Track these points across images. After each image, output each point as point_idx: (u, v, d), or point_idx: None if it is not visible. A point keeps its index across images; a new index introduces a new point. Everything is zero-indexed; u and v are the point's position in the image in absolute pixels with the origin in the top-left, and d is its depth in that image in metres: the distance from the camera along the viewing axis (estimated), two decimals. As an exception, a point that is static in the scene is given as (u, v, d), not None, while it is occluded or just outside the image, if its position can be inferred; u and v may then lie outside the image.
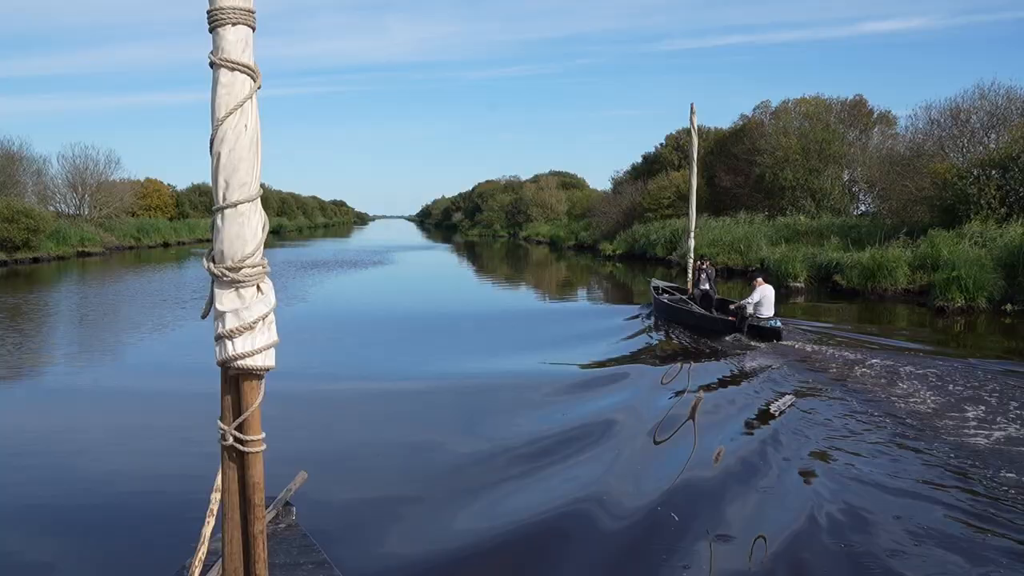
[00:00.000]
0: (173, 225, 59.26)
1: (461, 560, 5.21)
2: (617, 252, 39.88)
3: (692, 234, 18.16)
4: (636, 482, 6.73)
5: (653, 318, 16.95)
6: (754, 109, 41.28)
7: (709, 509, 6.07)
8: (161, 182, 66.76)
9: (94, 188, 50.65)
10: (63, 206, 50.19)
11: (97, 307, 19.74)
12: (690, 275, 17.50)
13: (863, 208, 37.97)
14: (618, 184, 56.54)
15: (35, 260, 34.64)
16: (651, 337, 15.06)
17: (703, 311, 15.63)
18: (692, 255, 17.83)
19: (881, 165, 29.51)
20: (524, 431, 8.36)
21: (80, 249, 40.77)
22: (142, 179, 63.12)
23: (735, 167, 38.52)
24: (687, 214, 39.36)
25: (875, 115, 37.74)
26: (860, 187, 36.32)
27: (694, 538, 5.50)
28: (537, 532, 5.64)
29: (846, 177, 37.71)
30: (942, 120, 27.07)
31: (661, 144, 49.85)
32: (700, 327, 15.00)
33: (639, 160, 54.14)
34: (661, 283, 18.76)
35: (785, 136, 36.71)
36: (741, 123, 41.92)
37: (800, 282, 22.34)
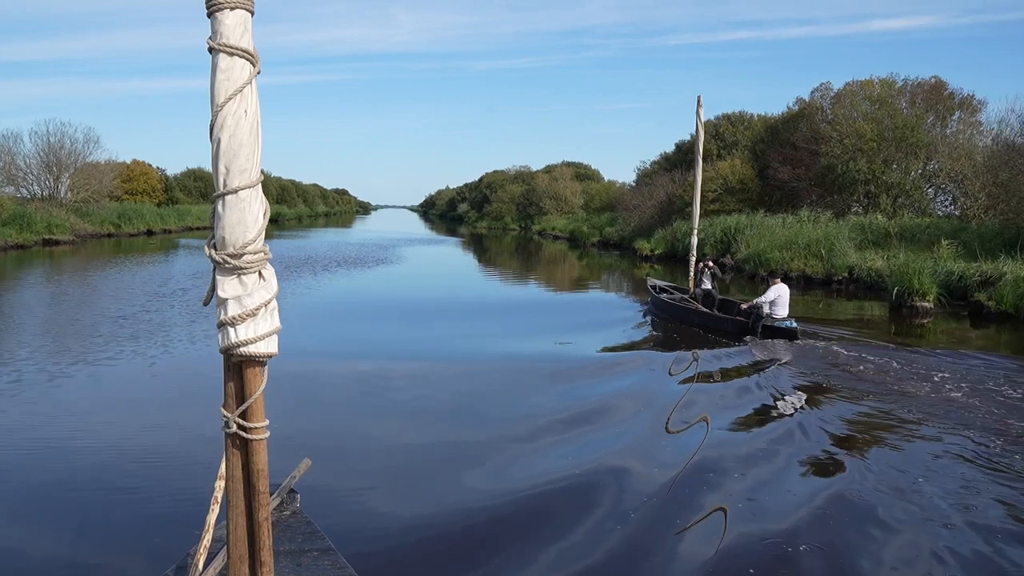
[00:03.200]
0: (159, 211, 53.99)
1: (465, 541, 5.15)
2: (656, 252, 35.02)
3: (695, 231, 17.53)
4: (644, 462, 6.72)
5: (651, 318, 16.34)
6: (812, 92, 36.36)
7: (717, 491, 6.06)
8: (149, 165, 61.48)
9: (71, 169, 45.82)
10: (36, 187, 45.47)
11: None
12: (692, 273, 17.00)
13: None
14: (643, 175, 51.87)
15: (-13, 249, 29.91)
16: (656, 331, 14.95)
17: (707, 311, 15.11)
18: (694, 253, 17.35)
19: (1004, 155, 24.49)
20: (532, 414, 8.32)
21: (46, 237, 36.07)
22: (128, 161, 58.16)
23: (793, 157, 33.64)
24: (738, 209, 34.72)
25: (956, 100, 32.80)
26: (941, 180, 31.35)
27: (700, 519, 5.52)
28: (544, 514, 5.54)
29: (916, 171, 32.83)
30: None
31: (697, 131, 44.94)
32: (706, 327, 14.38)
33: (671, 148, 49.29)
34: (659, 282, 18.28)
35: (853, 121, 31.83)
36: (797, 108, 37.01)
37: (928, 301, 17.38)
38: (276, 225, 72.96)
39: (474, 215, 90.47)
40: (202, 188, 70.66)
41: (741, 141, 40.88)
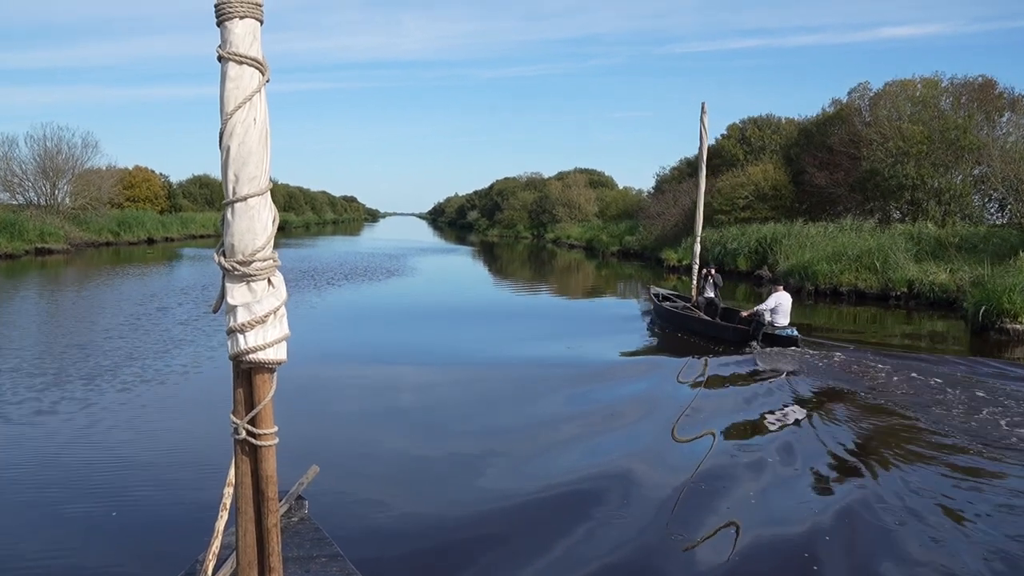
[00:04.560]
0: (161, 219, 52.06)
1: (472, 547, 5.09)
2: (683, 262, 32.87)
3: (698, 239, 17.40)
4: (653, 468, 6.71)
5: (654, 326, 16.45)
6: (849, 92, 34.22)
7: (727, 498, 6.00)
8: (152, 171, 59.67)
9: (69, 175, 44.01)
10: (32, 194, 43.68)
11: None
12: (694, 282, 17.09)
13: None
14: (663, 181, 49.83)
15: (-28, 260, 28.03)
16: (660, 339, 15.10)
17: (710, 319, 15.10)
18: (697, 261, 17.21)
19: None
20: (540, 420, 8.33)
21: (38, 246, 34.24)
22: (130, 167, 56.35)
23: (830, 161, 31.49)
24: (773, 217, 32.51)
25: (1007, 100, 30.57)
26: (992, 185, 29.07)
27: (712, 527, 5.42)
28: (553, 521, 5.47)
29: (967, 175, 30.59)
30: None
31: (722, 135, 42.85)
32: (708, 335, 14.44)
33: (693, 153, 47.17)
34: (662, 290, 18.40)
35: (893, 122, 29.64)
36: (832, 110, 34.88)
37: (1021, 323, 15.10)
38: (283, 233, 71.07)
39: (485, 223, 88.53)
40: (207, 195, 68.90)
41: (769, 145, 38.80)
